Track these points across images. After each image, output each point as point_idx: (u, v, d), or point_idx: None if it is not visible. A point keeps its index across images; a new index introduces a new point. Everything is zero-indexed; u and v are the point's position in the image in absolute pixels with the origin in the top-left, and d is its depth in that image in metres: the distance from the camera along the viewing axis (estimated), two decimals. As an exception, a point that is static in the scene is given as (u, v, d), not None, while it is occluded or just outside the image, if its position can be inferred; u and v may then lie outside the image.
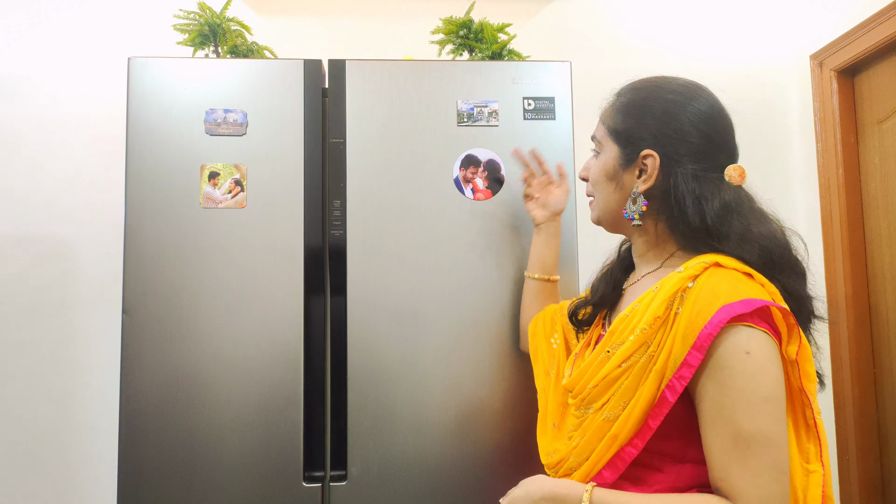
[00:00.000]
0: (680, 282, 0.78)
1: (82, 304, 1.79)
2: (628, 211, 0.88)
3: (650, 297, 0.81)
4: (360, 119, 1.27)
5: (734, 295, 0.74)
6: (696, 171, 0.84)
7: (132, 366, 1.19)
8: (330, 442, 1.22)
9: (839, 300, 1.87)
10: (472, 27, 1.45)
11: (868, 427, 1.82)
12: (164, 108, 1.24)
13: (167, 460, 1.18)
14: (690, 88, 0.89)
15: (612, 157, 0.90)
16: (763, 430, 0.71)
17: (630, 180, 0.88)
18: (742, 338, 0.73)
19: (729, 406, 0.72)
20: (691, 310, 0.75)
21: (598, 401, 0.82)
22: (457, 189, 1.28)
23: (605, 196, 0.92)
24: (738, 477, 0.70)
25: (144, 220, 1.22)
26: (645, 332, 0.78)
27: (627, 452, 0.79)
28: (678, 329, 0.76)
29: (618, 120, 0.90)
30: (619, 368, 0.80)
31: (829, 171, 1.91)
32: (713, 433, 0.73)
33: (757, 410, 0.71)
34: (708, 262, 0.79)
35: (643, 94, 0.90)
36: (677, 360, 0.75)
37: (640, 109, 0.88)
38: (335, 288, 1.25)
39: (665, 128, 0.86)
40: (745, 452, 0.70)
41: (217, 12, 1.42)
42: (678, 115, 0.86)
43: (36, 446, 1.76)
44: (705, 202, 0.82)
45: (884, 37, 1.69)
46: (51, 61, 1.83)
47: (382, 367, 1.23)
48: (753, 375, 0.72)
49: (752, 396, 0.71)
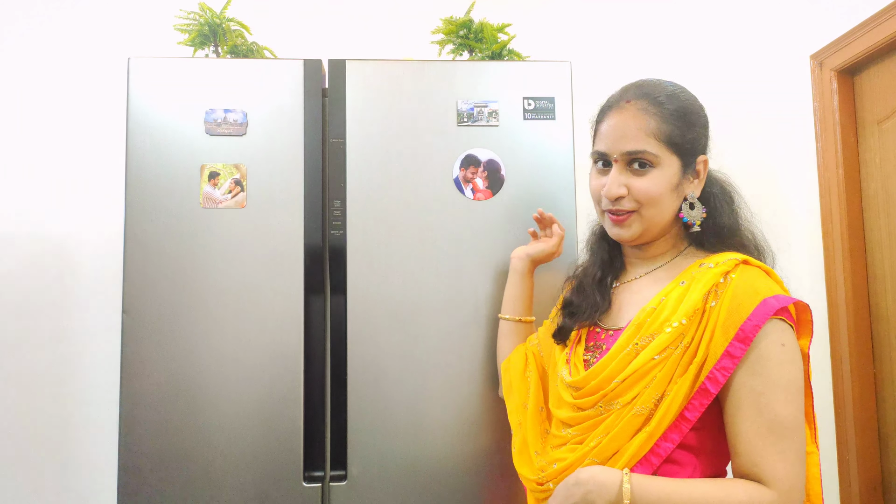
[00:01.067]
0: (715, 277, 0.82)
1: (82, 304, 1.79)
2: (689, 216, 0.90)
3: (679, 292, 0.84)
4: (360, 119, 1.27)
5: (770, 290, 0.80)
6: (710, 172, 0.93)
7: (132, 365, 1.19)
8: (330, 442, 1.22)
9: (839, 300, 1.87)
10: (472, 27, 1.45)
11: (868, 427, 1.82)
12: (164, 108, 1.24)
13: (167, 460, 1.18)
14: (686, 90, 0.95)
15: (675, 170, 0.89)
16: (795, 417, 0.76)
17: (687, 186, 0.91)
18: (779, 330, 0.78)
19: (767, 394, 0.76)
20: (730, 303, 0.79)
21: (627, 394, 0.81)
22: (457, 189, 1.28)
23: (666, 209, 0.90)
24: (774, 461, 0.75)
25: (144, 220, 1.22)
26: (683, 324, 0.80)
27: (664, 448, 0.79)
28: (716, 322, 0.79)
29: (675, 131, 0.88)
30: (653, 361, 0.80)
31: (829, 171, 1.91)
32: (748, 420, 0.77)
33: (792, 398, 0.76)
34: (738, 258, 0.84)
35: (683, 100, 0.91)
36: (717, 351, 0.78)
37: (690, 116, 0.91)
38: (335, 288, 1.25)
39: (705, 131, 0.92)
40: (780, 438, 0.75)
41: (217, 12, 1.42)
42: (706, 119, 0.93)
43: (36, 446, 1.76)
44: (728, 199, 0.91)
45: (884, 37, 1.69)
46: (51, 61, 1.83)
47: (382, 366, 1.23)
48: (788, 366, 0.77)
49: (788, 385, 0.77)
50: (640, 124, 0.88)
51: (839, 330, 1.87)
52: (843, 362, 1.86)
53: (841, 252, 1.87)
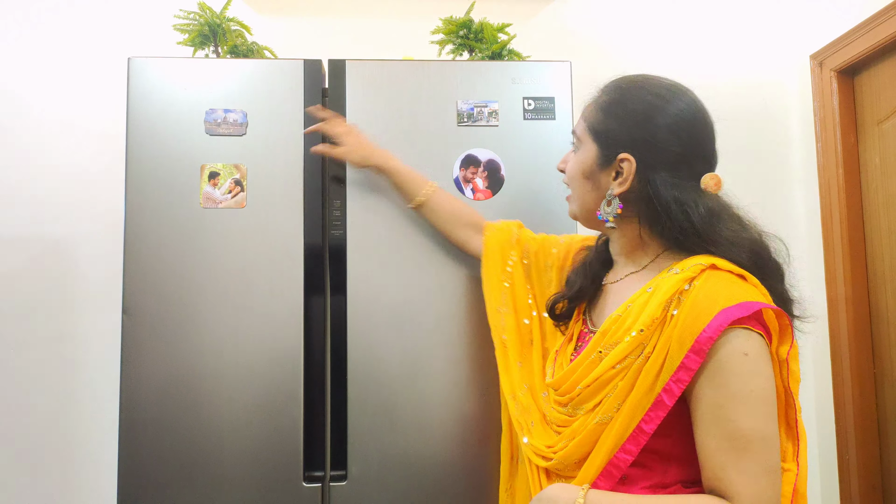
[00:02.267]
0: (677, 283, 0.78)
1: (82, 304, 1.79)
2: (602, 212, 0.89)
3: (645, 298, 0.81)
4: (360, 119, 1.27)
5: (732, 299, 0.75)
6: (674, 179, 0.84)
7: (132, 365, 1.19)
8: (330, 442, 1.22)
9: (839, 300, 1.87)
10: (472, 27, 1.44)
11: (868, 427, 1.82)
12: (164, 108, 1.24)
13: (167, 460, 1.18)
14: (674, 93, 0.88)
15: (590, 156, 0.90)
16: (759, 430, 0.72)
17: (606, 181, 0.89)
18: (740, 340, 0.73)
19: (727, 407, 0.72)
20: (689, 313, 0.75)
21: (590, 401, 0.82)
22: (457, 189, 1.28)
23: (581, 194, 0.93)
24: (735, 476, 0.71)
25: (144, 220, 1.22)
26: (642, 333, 0.78)
27: (622, 460, 0.77)
28: (674, 331, 0.76)
29: (599, 118, 0.90)
30: (614, 370, 0.79)
31: (829, 171, 1.91)
32: (710, 434, 0.73)
33: (754, 410, 0.72)
34: (704, 263, 0.79)
35: (627, 94, 0.89)
36: (674, 363, 0.75)
37: (623, 111, 0.88)
38: (335, 288, 1.25)
39: (645, 133, 0.85)
40: (741, 452, 0.71)
41: (217, 12, 1.42)
42: (660, 122, 0.85)
43: (36, 446, 1.76)
44: (690, 209, 0.82)
45: (884, 37, 1.69)
46: (51, 61, 1.83)
47: (382, 366, 1.23)
48: (751, 377, 0.73)
49: (749, 397, 0.72)
50: (586, 108, 0.94)
51: (839, 330, 1.87)
52: (843, 362, 1.86)
53: (841, 252, 1.87)
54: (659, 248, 0.88)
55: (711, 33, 2.05)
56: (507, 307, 1.10)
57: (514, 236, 1.16)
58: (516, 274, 1.13)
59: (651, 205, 0.84)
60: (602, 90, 0.93)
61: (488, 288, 1.14)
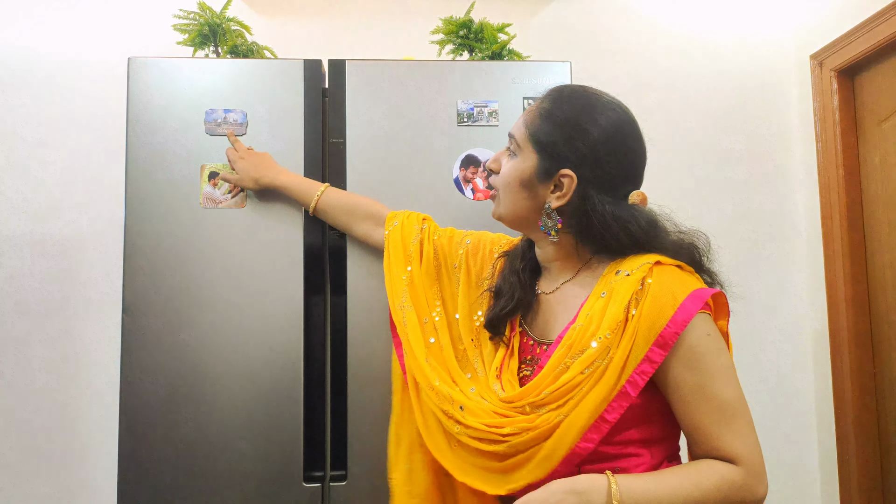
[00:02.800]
0: (633, 285, 0.83)
1: (82, 304, 1.79)
2: (545, 225, 0.90)
3: (602, 304, 0.84)
4: (360, 119, 1.27)
5: (685, 291, 0.82)
6: (609, 196, 0.87)
7: (132, 365, 1.19)
8: (330, 442, 1.22)
9: (839, 300, 1.87)
10: (472, 27, 1.44)
11: (868, 427, 1.82)
12: (164, 108, 1.24)
13: (167, 459, 1.18)
14: (620, 115, 0.90)
15: (529, 165, 0.90)
16: (737, 396, 0.82)
17: (543, 192, 0.89)
18: (700, 323, 0.81)
19: (708, 384, 0.81)
20: (650, 310, 0.81)
21: (554, 404, 0.82)
22: (457, 189, 1.28)
23: (514, 200, 0.92)
24: (733, 440, 0.80)
25: (144, 220, 1.22)
26: (608, 338, 0.81)
27: (582, 447, 0.80)
28: (638, 329, 0.80)
29: (544, 129, 0.89)
30: (582, 374, 0.81)
31: (829, 171, 1.91)
32: (699, 410, 0.81)
33: (731, 380, 0.82)
34: (650, 261, 0.84)
35: (575, 110, 0.89)
36: (638, 357, 0.80)
37: (568, 126, 0.88)
38: (335, 288, 1.25)
39: (589, 151, 0.87)
40: (732, 419, 0.80)
41: (217, 12, 1.42)
42: (605, 143, 0.87)
43: (36, 446, 1.76)
44: (630, 224, 0.86)
45: (884, 37, 1.69)
46: (51, 61, 1.83)
47: (382, 366, 1.22)
48: (718, 353, 0.82)
49: (722, 370, 0.81)
50: (528, 114, 0.93)
51: (839, 330, 1.87)
52: (843, 362, 1.86)
53: (841, 252, 1.87)
54: (587, 254, 0.91)
55: (711, 33, 2.05)
56: (409, 304, 1.07)
57: (417, 232, 1.13)
58: (421, 271, 1.09)
59: (587, 218, 0.87)
60: (545, 97, 0.93)
61: (390, 284, 1.10)
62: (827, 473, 1.93)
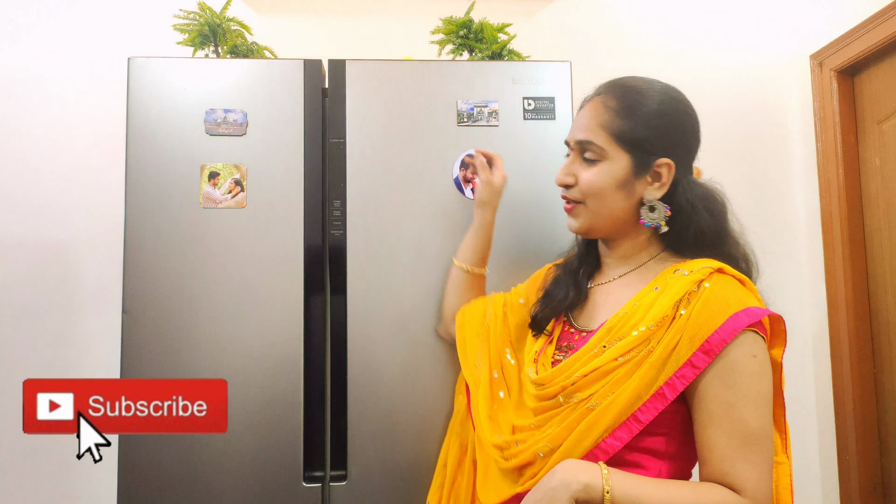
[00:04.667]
0: (687, 285, 0.81)
1: (82, 304, 1.79)
2: (647, 218, 0.88)
3: (652, 297, 0.83)
4: (360, 119, 1.27)
5: (741, 303, 0.79)
6: (691, 180, 0.88)
7: (132, 366, 1.19)
8: (330, 442, 1.22)
9: (839, 300, 1.87)
10: (472, 27, 1.44)
11: (868, 427, 1.82)
12: (164, 108, 1.24)
13: (167, 460, 1.18)
14: (672, 93, 0.91)
15: (623, 165, 0.88)
16: (764, 428, 0.77)
17: (640, 188, 0.89)
18: (750, 343, 0.78)
19: (738, 406, 0.76)
20: (699, 313, 0.78)
21: (585, 391, 0.82)
22: (457, 189, 1.28)
23: (611, 205, 0.89)
24: (744, 470, 0.75)
25: (144, 220, 1.22)
26: (650, 329, 0.80)
27: (609, 444, 0.78)
28: (683, 330, 0.78)
29: (628, 125, 0.88)
30: (616, 361, 0.80)
31: (829, 171, 1.91)
32: (720, 430, 0.77)
33: (763, 409, 0.77)
34: (713, 266, 0.82)
35: (647, 98, 0.89)
36: (680, 359, 0.77)
37: (650, 115, 0.88)
38: (335, 288, 1.25)
39: (678, 137, 0.89)
40: (750, 448, 0.76)
41: (217, 12, 1.42)
42: (685, 125, 0.89)
43: (36, 446, 1.76)
44: (713, 207, 0.87)
45: (884, 37, 1.69)
46: (51, 61, 1.83)
47: (382, 367, 1.23)
48: (759, 378, 0.78)
49: (758, 397, 0.77)
50: (597, 116, 0.90)
51: (839, 330, 1.87)
52: (843, 362, 1.86)
53: (841, 252, 1.87)
54: (657, 250, 0.91)
55: (711, 33, 2.05)
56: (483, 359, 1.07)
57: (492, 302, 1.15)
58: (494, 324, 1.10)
59: (679, 205, 0.87)
60: (610, 95, 0.91)
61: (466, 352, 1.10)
62: (827, 473, 1.93)
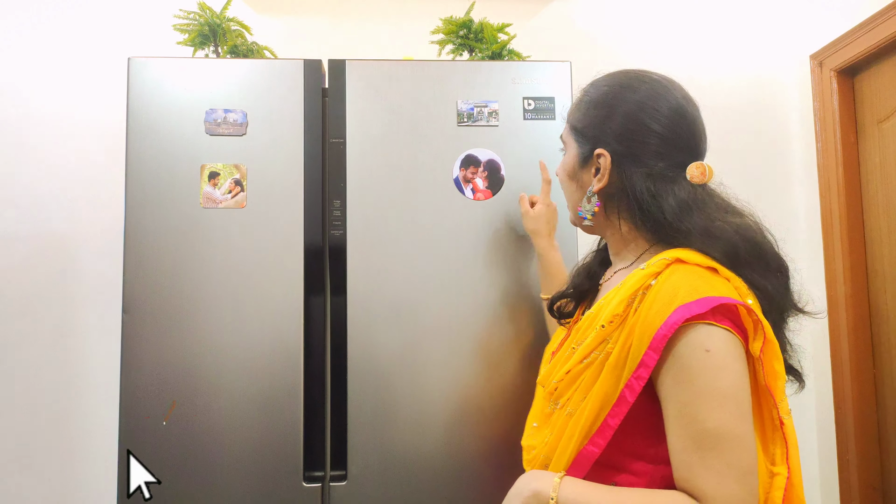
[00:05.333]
0: (641, 279, 0.77)
1: (83, 304, 1.79)
2: (582, 209, 0.88)
3: (613, 294, 0.81)
4: (360, 119, 1.27)
5: (692, 294, 0.72)
6: (652, 171, 0.82)
7: (132, 365, 1.19)
8: (330, 441, 1.22)
9: (839, 300, 1.87)
10: (472, 27, 1.45)
11: (868, 427, 1.82)
12: (164, 108, 1.24)
13: (167, 459, 1.18)
14: (655, 87, 0.86)
15: (572, 155, 0.91)
16: (726, 428, 0.69)
17: (588, 179, 0.88)
18: (701, 336, 0.71)
19: (690, 404, 0.70)
20: (649, 309, 0.74)
21: (564, 396, 0.83)
22: (457, 189, 1.28)
23: (569, 196, 0.93)
24: (702, 476, 0.69)
25: (144, 220, 1.22)
26: (604, 329, 0.78)
27: (589, 451, 0.77)
28: (635, 327, 0.75)
29: (578, 116, 0.91)
30: (581, 364, 0.80)
31: (829, 171, 1.91)
32: (676, 432, 0.71)
33: (719, 408, 0.69)
34: (669, 258, 0.78)
35: (605, 91, 0.88)
36: (636, 359, 0.74)
37: (600, 107, 0.88)
38: (335, 287, 1.25)
39: (621, 126, 0.84)
40: (708, 451, 0.69)
41: (217, 12, 1.42)
42: (635, 115, 0.84)
43: (36, 445, 1.76)
44: (661, 199, 0.80)
45: (884, 37, 1.69)
46: (51, 61, 1.83)
47: (382, 366, 1.23)
48: (715, 373, 0.70)
49: (714, 394, 0.69)
50: (568, 110, 0.94)
51: (839, 330, 1.87)
52: (843, 362, 1.86)
53: (841, 252, 1.87)
54: (645, 245, 0.86)
55: (711, 33, 2.05)
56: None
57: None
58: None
59: (629, 199, 0.84)
60: (584, 90, 0.93)
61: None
62: (827, 473, 1.93)
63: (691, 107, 0.87)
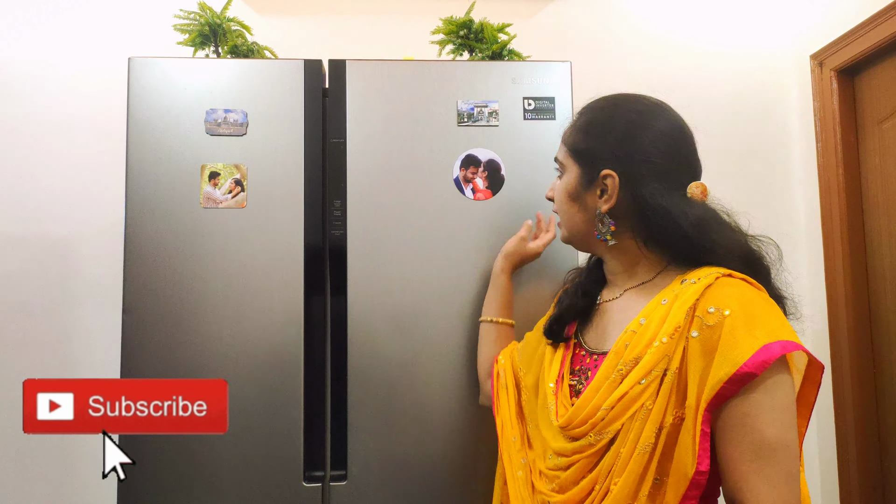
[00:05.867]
0: (696, 292, 0.78)
1: (83, 304, 1.79)
2: (599, 232, 0.89)
3: (663, 310, 0.80)
4: (360, 119, 1.27)
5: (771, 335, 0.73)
6: (660, 189, 0.84)
7: (132, 365, 1.19)
8: (330, 442, 1.22)
9: (839, 300, 1.87)
10: (473, 27, 1.44)
11: (868, 427, 1.82)
12: (164, 108, 1.24)
13: (167, 460, 1.18)
14: (651, 108, 0.90)
15: (573, 177, 0.91)
16: (783, 439, 0.72)
17: (593, 201, 0.89)
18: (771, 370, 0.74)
19: (753, 416, 0.72)
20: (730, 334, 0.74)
21: (616, 423, 0.78)
22: (457, 189, 1.28)
23: (570, 217, 0.93)
24: (758, 484, 0.71)
25: (145, 220, 1.22)
26: (665, 343, 0.77)
27: (697, 480, 0.74)
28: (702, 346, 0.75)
29: (578, 139, 0.91)
30: (640, 385, 0.76)
31: (829, 171, 1.91)
32: (734, 442, 0.73)
33: (779, 420, 0.73)
34: (719, 272, 0.79)
35: (604, 113, 0.91)
36: (712, 389, 0.73)
37: (601, 128, 0.89)
38: (335, 288, 1.25)
39: (626, 147, 0.86)
40: (765, 461, 0.71)
41: (217, 12, 1.42)
42: (639, 135, 0.86)
43: (36, 446, 1.76)
44: (680, 217, 0.82)
45: (884, 37, 1.69)
46: (52, 61, 1.83)
47: (382, 366, 1.23)
48: (776, 387, 0.74)
49: (774, 407, 0.73)
50: (565, 134, 0.95)
51: (839, 330, 1.87)
52: (843, 362, 1.86)
53: (841, 252, 1.87)
54: (660, 264, 0.87)
55: (711, 33, 2.05)
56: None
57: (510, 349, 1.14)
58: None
59: (643, 217, 0.85)
60: (580, 112, 0.95)
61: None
62: (827, 473, 1.93)
63: (687, 127, 0.91)
